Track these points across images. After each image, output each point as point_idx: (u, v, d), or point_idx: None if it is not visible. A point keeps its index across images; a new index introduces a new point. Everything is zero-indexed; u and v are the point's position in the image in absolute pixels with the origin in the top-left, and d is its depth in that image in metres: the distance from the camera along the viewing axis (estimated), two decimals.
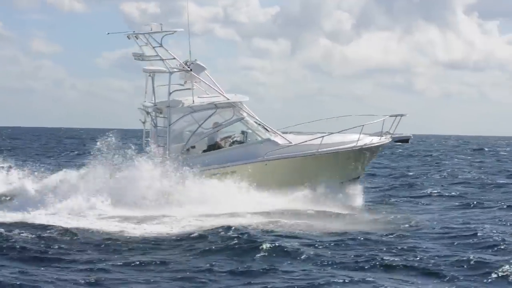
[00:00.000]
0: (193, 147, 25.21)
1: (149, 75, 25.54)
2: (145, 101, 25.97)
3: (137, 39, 24.82)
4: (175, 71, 24.81)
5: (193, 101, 24.89)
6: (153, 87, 25.46)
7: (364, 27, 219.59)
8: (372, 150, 26.68)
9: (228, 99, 25.11)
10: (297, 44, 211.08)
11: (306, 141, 25.28)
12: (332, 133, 25.68)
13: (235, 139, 25.58)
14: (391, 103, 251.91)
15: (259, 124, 25.53)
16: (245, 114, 25.27)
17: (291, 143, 25.16)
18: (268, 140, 25.07)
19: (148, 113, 25.74)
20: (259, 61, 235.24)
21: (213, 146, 25.13)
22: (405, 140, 27.41)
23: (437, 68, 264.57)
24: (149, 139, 25.88)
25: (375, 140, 26.35)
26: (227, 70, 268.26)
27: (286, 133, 26.46)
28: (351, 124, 26.45)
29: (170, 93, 24.80)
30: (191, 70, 24.83)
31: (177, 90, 25.08)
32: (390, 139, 26.78)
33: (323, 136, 25.22)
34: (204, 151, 25.03)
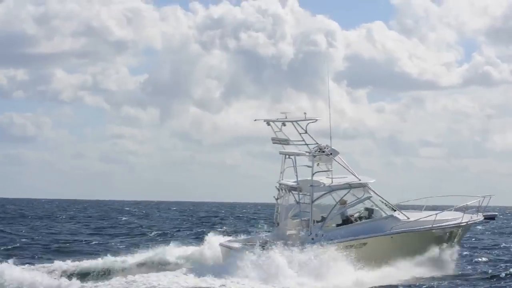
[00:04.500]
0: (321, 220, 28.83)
1: (288, 157, 29.17)
2: (281, 180, 29.52)
3: (284, 126, 28.54)
4: (319, 155, 28.50)
5: (332, 182, 28.61)
6: (295, 168, 29.03)
7: (234, 95, 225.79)
8: (469, 228, 30.95)
9: (360, 180, 28.94)
10: (166, 112, 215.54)
11: (422, 218, 29.22)
12: (442, 211, 29.75)
13: (361, 215, 29.38)
14: (262, 172, 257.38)
15: (383, 202, 29.39)
16: (372, 193, 29.11)
17: (409, 219, 29.09)
18: (392, 216, 28.92)
19: (285, 190, 29.27)
20: (129, 129, 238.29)
21: (346, 221, 28.81)
22: (492, 217, 31.75)
23: (307, 137, 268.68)
24: (278, 213, 29.53)
25: (473, 218, 30.57)
26: (96, 138, 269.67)
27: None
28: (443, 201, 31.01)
29: (313, 174, 28.49)
30: (331, 154, 28.61)
31: (319, 171, 28.75)
32: (482, 217, 31.09)
33: (436, 214, 29.26)
34: (338, 225, 28.68)
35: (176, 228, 59.34)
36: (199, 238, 38.50)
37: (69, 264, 29.24)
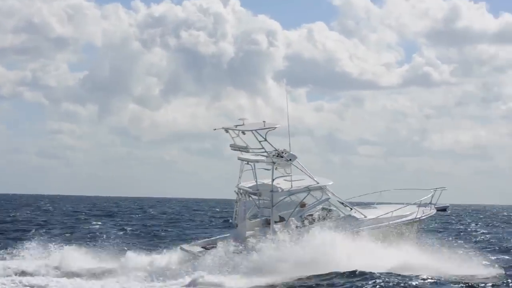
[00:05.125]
0: (279, 221, 29.46)
1: (247, 163, 29.65)
2: (239, 184, 30.01)
3: (244, 134, 28.90)
4: (278, 161, 29.00)
5: (291, 185, 29.21)
6: (255, 174, 29.56)
7: (173, 93, 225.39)
8: (424, 221, 31.97)
9: (318, 183, 29.59)
10: (105, 108, 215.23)
11: (379, 216, 30.08)
12: (397, 209, 30.64)
13: (320, 215, 30.07)
14: (199, 168, 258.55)
15: (340, 202, 30.15)
16: (330, 194, 29.82)
17: (366, 217, 29.94)
18: (350, 215, 29.74)
19: (243, 195, 29.79)
20: (68, 125, 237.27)
21: (303, 223, 29.49)
22: (444, 209, 32.83)
23: (247, 134, 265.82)
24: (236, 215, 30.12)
25: (426, 212, 31.57)
26: (35, 133, 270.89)
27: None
28: (392, 196, 31.91)
29: (273, 180, 29.03)
30: (290, 159, 29.15)
31: (279, 177, 29.30)
32: (435, 210, 32.14)
33: (392, 211, 30.15)
34: (297, 227, 29.33)
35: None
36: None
37: None
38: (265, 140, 28.87)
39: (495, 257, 34.04)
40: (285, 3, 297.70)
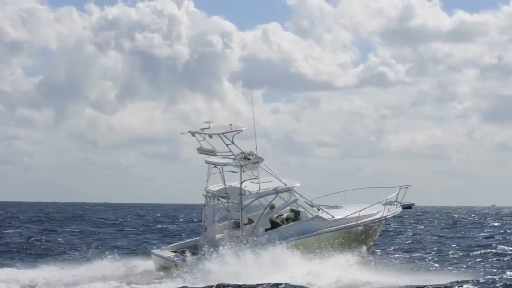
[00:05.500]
0: (248, 223, 29.53)
1: (215, 166, 29.66)
2: (207, 187, 30.01)
3: (211, 138, 28.90)
4: (246, 164, 29.03)
5: (259, 188, 29.28)
6: (223, 178, 29.58)
7: (129, 96, 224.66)
8: (389, 219, 32.31)
9: (286, 185, 29.71)
10: (61, 113, 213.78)
11: (346, 216, 30.30)
12: (363, 208, 30.87)
13: (288, 217, 30.26)
14: (157, 173, 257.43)
15: (308, 203, 30.31)
16: (298, 196, 29.96)
17: (334, 217, 30.15)
18: (317, 216, 29.92)
19: (211, 198, 29.80)
20: (24, 131, 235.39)
21: (274, 224, 29.62)
22: (409, 206, 33.20)
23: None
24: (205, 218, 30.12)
25: (392, 210, 31.89)
26: None
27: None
28: (356, 197, 32.24)
29: (241, 183, 29.06)
30: (257, 162, 29.21)
31: (246, 180, 29.32)
32: (401, 208, 32.49)
33: (359, 211, 30.39)
34: (267, 229, 29.44)
35: None
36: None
37: None
38: (232, 143, 28.91)
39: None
40: (239, 3, 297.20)
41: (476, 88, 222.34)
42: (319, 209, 30.41)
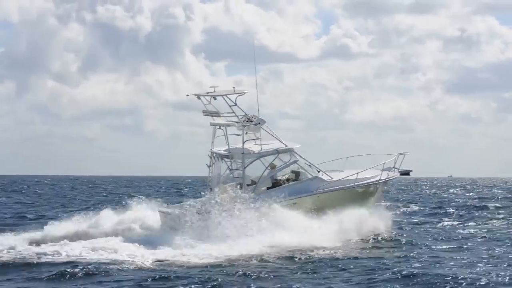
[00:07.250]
0: (251, 184, 31.01)
1: (219, 128, 31.21)
2: (212, 148, 31.56)
3: (215, 100, 30.46)
4: (248, 125, 30.56)
5: (261, 148, 30.80)
6: (226, 138, 31.14)
7: (91, 69, 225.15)
8: (388, 183, 33.65)
9: (286, 146, 31.20)
10: (23, 85, 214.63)
11: (345, 177, 31.72)
12: (362, 171, 32.25)
13: (288, 177, 31.73)
14: (121, 145, 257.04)
15: (308, 165, 31.76)
16: (298, 157, 31.42)
17: (332, 178, 31.57)
18: (317, 177, 31.36)
19: (216, 158, 31.33)
20: None
21: (275, 184, 31.09)
22: (407, 173, 34.51)
23: (166, 109, 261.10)
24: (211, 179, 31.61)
25: (390, 174, 33.27)
26: None
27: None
28: (359, 162, 33.52)
29: (244, 142, 30.60)
30: (259, 123, 30.75)
31: (248, 140, 30.85)
32: (398, 173, 33.85)
33: (357, 172, 31.78)
34: (268, 188, 30.93)
35: None
36: None
37: None
38: (236, 105, 30.44)
39: None
40: None
41: (439, 60, 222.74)
42: (319, 171, 31.84)
